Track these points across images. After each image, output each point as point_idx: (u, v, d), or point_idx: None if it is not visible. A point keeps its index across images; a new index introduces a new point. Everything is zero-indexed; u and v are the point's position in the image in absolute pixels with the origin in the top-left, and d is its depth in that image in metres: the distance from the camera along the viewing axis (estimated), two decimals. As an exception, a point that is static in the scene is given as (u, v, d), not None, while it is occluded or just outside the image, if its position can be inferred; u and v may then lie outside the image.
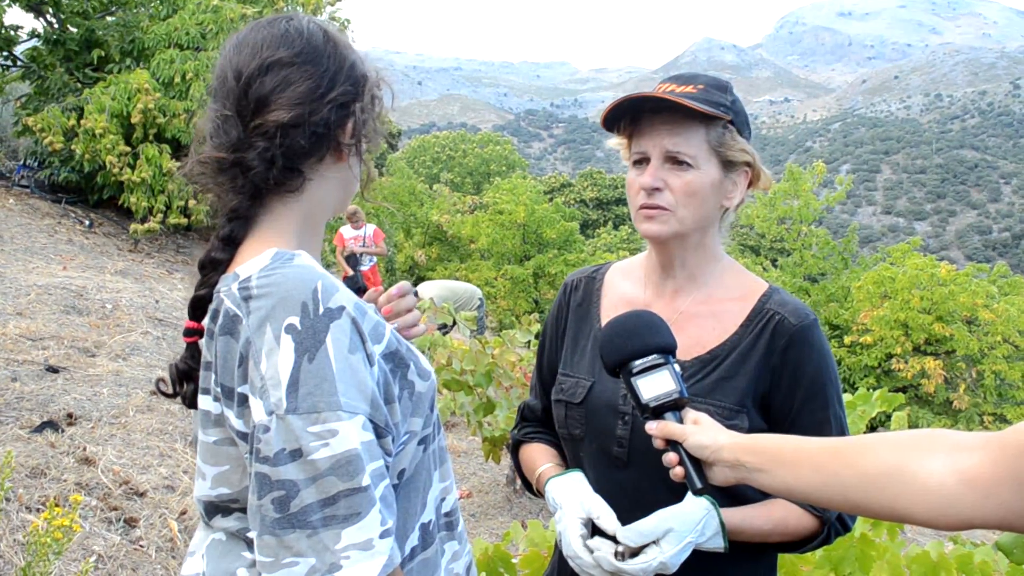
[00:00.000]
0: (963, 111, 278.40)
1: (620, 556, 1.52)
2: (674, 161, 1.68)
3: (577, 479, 1.73)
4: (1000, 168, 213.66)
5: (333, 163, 1.44)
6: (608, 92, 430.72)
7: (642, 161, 1.72)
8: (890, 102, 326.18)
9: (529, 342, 6.27)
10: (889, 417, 3.38)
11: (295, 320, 1.23)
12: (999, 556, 3.14)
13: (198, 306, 1.39)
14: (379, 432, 1.29)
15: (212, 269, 1.40)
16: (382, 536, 1.23)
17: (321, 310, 1.24)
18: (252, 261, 1.33)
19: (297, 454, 1.19)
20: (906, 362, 22.73)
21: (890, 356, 23.09)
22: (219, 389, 1.30)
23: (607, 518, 1.60)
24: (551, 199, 35.12)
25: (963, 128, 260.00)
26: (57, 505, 3.52)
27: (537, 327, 6.09)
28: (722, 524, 1.56)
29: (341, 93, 1.41)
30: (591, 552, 1.57)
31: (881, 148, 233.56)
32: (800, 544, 1.68)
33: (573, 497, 1.66)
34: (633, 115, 1.74)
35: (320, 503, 1.19)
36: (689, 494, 1.55)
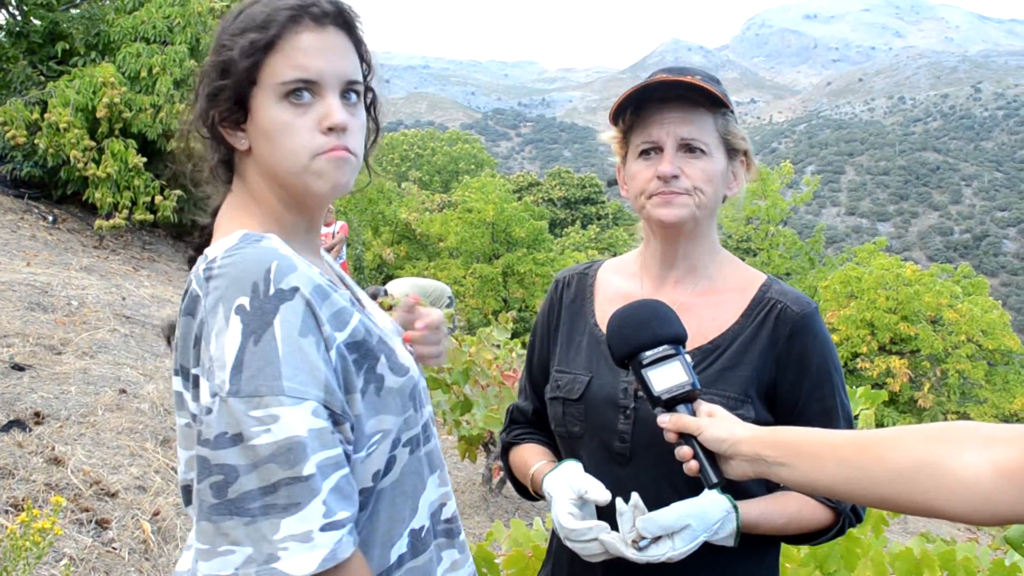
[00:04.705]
0: (926, 114, 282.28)
1: (634, 543, 1.47)
2: (687, 149, 1.67)
3: (570, 466, 1.69)
4: (961, 170, 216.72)
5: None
6: (576, 92, 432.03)
7: (651, 151, 1.69)
8: (854, 104, 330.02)
9: (499, 344, 6.21)
10: (856, 416, 3.38)
11: (245, 300, 1.20)
12: (980, 553, 3.16)
13: (196, 254, 1.41)
14: (336, 419, 1.24)
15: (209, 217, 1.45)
16: (324, 528, 1.18)
17: (272, 291, 1.21)
18: (222, 241, 1.31)
19: (238, 439, 1.16)
20: (872, 361, 23.02)
21: (856, 355, 23.37)
22: (179, 369, 1.29)
23: (596, 490, 1.56)
24: (519, 198, 35.11)
25: (926, 131, 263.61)
26: (24, 508, 3.43)
27: (513, 325, 6.04)
28: (738, 527, 1.52)
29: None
30: (589, 529, 1.52)
31: (845, 150, 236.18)
32: (814, 536, 1.67)
33: (562, 481, 1.62)
34: (636, 106, 1.72)
35: (260, 491, 1.16)
36: (707, 489, 1.51)
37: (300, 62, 1.33)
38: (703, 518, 1.47)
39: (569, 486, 1.60)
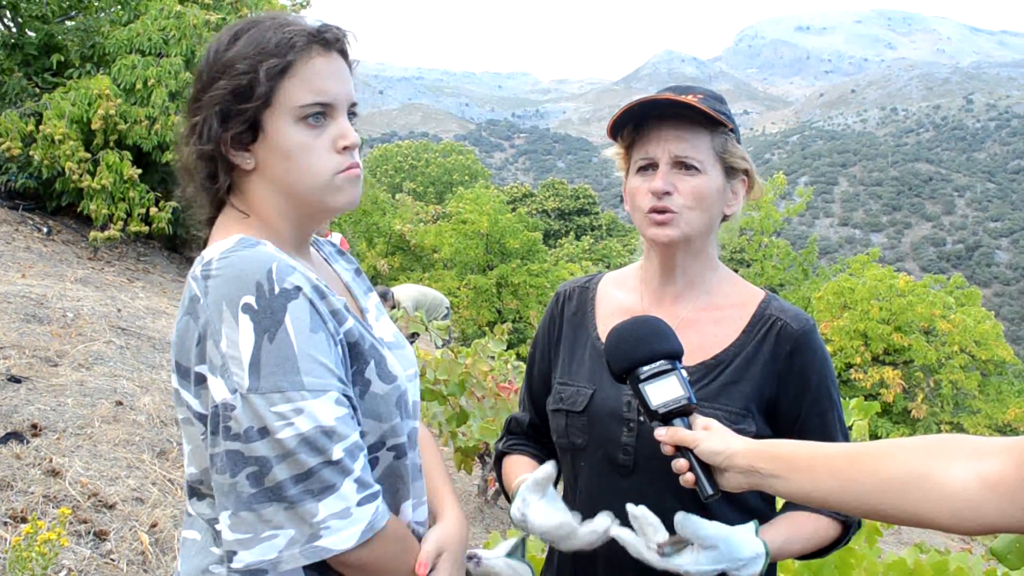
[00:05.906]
0: (918, 125, 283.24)
1: (660, 548, 1.46)
2: (682, 166, 1.69)
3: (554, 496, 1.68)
4: (954, 181, 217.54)
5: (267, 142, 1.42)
6: (569, 103, 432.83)
7: (648, 167, 1.72)
8: (847, 115, 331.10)
9: (494, 356, 6.22)
10: (849, 427, 3.40)
11: (250, 299, 1.25)
12: (973, 563, 3.18)
13: None
14: (352, 404, 1.33)
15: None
16: (360, 503, 1.26)
17: (276, 290, 1.26)
18: (218, 244, 1.36)
19: (264, 432, 1.22)
20: (865, 372, 23.04)
21: (850, 366, 23.39)
22: (175, 366, 1.34)
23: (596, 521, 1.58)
24: (513, 209, 35.12)
25: (918, 142, 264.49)
26: (25, 519, 3.44)
27: (508, 336, 6.06)
28: (763, 572, 1.51)
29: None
30: (561, 525, 1.56)
31: (838, 161, 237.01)
32: (825, 551, 1.69)
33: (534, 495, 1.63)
34: (637, 123, 1.74)
35: (293, 479, 1.22)
36: (750, 524, 1.52)
37: (317, 86, 1.39)
38: (732, 549, 1.45)
39: (534, 479, 1.62)
